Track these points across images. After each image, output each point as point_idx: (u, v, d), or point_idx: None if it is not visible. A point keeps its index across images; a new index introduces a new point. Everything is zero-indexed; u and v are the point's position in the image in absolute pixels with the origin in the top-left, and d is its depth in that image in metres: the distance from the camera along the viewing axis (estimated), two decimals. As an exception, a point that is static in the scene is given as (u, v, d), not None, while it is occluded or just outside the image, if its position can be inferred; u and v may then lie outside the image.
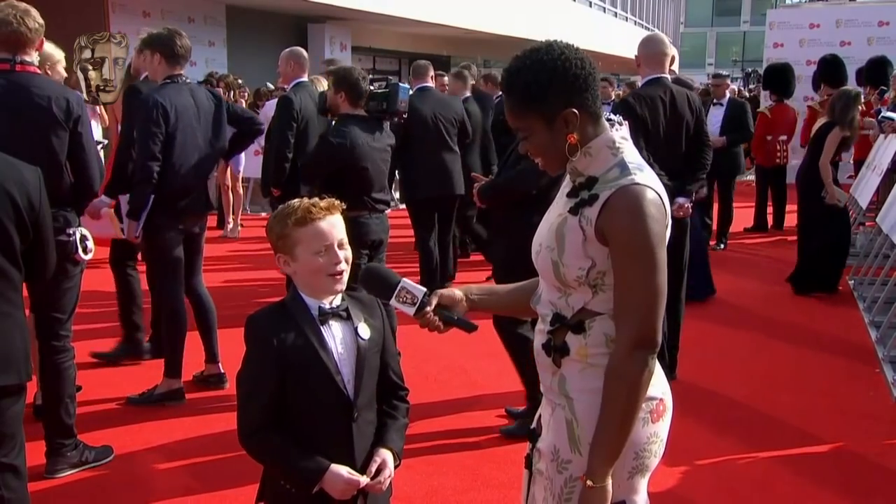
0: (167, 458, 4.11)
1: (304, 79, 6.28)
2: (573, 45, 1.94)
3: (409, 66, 30.97)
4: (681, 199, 4.97)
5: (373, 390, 2.26)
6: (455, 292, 2.17)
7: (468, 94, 8.05)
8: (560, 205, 2.01)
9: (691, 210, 5.09)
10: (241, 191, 10.33)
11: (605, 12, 32.54)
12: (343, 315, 2.21)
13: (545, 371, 2.03)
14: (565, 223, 1.94)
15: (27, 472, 2.90)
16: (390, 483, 2.31)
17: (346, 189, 4.68)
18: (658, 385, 1.96)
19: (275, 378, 2.14)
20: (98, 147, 4.66)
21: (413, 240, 9.29)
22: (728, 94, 9.55)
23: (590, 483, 1.88)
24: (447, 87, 8.51)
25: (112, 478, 3.91)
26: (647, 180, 1.90)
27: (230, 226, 10.16)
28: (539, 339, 2.05)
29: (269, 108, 10.85)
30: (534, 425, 2.13)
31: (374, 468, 2.20)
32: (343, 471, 2.14)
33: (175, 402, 4.72)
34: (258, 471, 2.30)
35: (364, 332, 2.22)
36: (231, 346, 4.89)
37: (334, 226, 2.18)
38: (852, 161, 10.13)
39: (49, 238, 2.93)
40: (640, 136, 4.70)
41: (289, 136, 5.90)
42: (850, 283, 7.64)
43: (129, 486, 3.84)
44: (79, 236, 3.82)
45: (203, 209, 4.89)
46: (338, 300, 2.22)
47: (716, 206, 9.09)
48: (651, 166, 5.07)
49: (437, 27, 21.44)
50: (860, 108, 7.55)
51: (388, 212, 5.11)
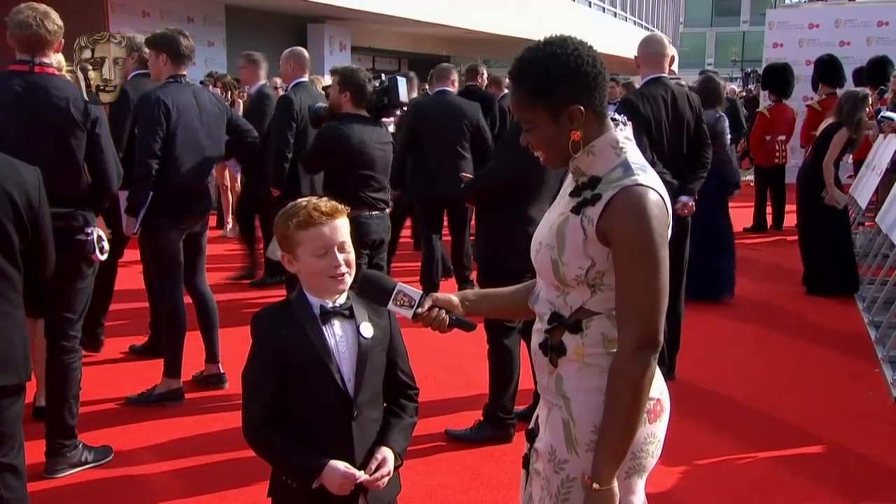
0: (166, 458, 4.10)
1: (305, 79, 6.28)
2: (587, 43, 1.95)
3: (408, 65, 30.99)
4: (684, 198, 4.98)
5: (376, 389, 2.26)
6: (452, 297, 2.17)
7: (505, 91, 8.07)
8: (562, 204, 2.01)
9: (695, 208, 5.10)
10: (238, 190, 10.31)
11: (604, 12, 32.55)
12: (346, 314, 2.21)
13: (542, 371, 2.03)
14: (567, 222, 1.94)
15: (26, 472, 2.91)
16: (398, 481, 2.32)
17: (347, 188, 4.69)
18: (655, 385, 1.96)
19: (276, 376, 2.16)
20: None
21: (413, 240, 9.39)
22: None
23: (596, 486, 1.87)
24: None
25: (111, 478, 3.90)
26: (650, 181, 1.90)
27: (229, 225, 10.15)
28: (536, 339, 2.05)
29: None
30: (531, 425, 2.13)
31: (373, 466, 2.20)
32: (340, 465, 2.14)
33: (174, 402, 4.72)
34: (257, 471, 2.30)
35: (366, 330, 2.22)
36: (231, 347, 4.90)
37: (336, 229, 2.18)
38: (852, 161, 10.13)
39: (48, 238, 2.93)
40: (645, 134, 4.70)
41: (288, 136, 5.90)
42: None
43: (128, 487, 3.85)
44: (95, 236, 3.84)
45: (204, 208, 4.89)
46: (342, 299, 2.23)
47: None
48: (653, 165, 5.06)
49: (437, 27, 21.45)
50: (868, 110, 7.54)
51: (388, 211, 5.11)
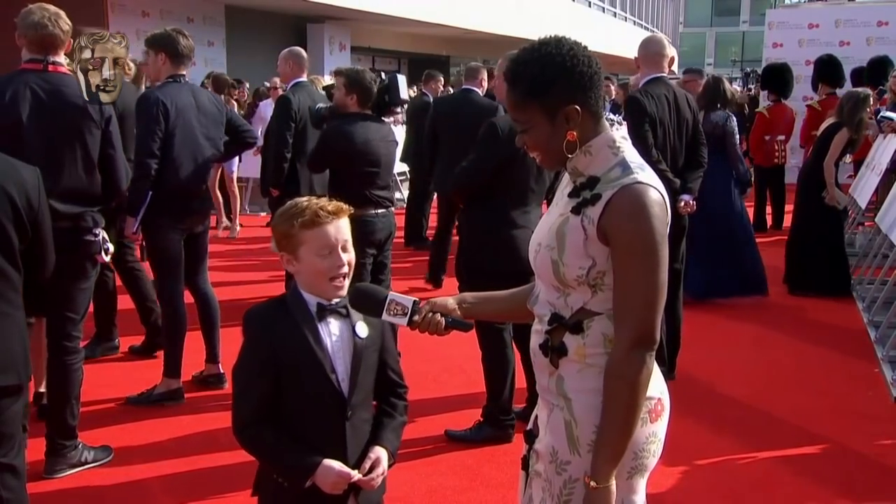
0: (166, 458, 4.10)
1: (304, 79, 6.28)
2: (582, 43, 1.95)
3: (408, 65, 30.89)
4: (686, 197, 5.00)
5: (369, 389, 2.26)
6: (448, 301, 2.16)
7: None
8: (561, 205, 2.01)
9: (695, 207, 5.11)
10: (236, 191, 10.32)
11: (604, 12, 32.57)
12: (342, 312, 2.21)
13: (542, 371, 2.03)
14: (567, 223, 1.93)
15: (26, 472, 2.91)
16: (384, 481, 2.31)
17: (352, 186, 4.69)
18: (656, 385, 1.96)
19: (268, 374, 2.15)
20: None
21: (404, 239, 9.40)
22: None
23: (593, 484, 1.87)
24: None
25: (111, 478, 3.90)
26: (649, 179, 1.90)
27: (224, 223, 10.15)
28: (536, 340, 2.04)
29: (263, 108, 10.86)
30: (530, 426, 2.12)
31: (367, 465, 2.20)
32: (335, 464, 2.13)
33: (174, 401, 4.72)
34: (256, 470, 2.30)
35: (362, 330, 2.22)
36: (231, 347, 4.89)
37: (340, 229, 2.18)
38: (852, 161, 10.13)
39: (48, 238, 2.93)
40: (650, 132, 4.70)
41: (287, 137, 5.90)
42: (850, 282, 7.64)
43: (127, 486, 3.84)
44: (101, 238, 3.85)
45: (204, 208, 4.89)
46: (338, 297, 2.22)
47: None
48: (659, 163, 5.00)
49: (437, 27, 21.46)
50: (869, 110, 7.54)
51: (393, 209, 5.11)
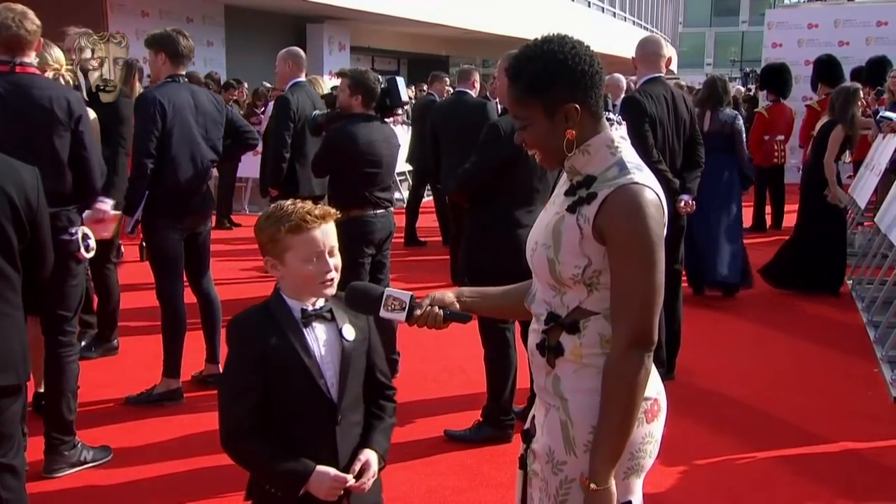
0: (165, 458, 4.10)
1: (302, 79, 6.28)
2: (584, 42, 1.95)
3: (408, 65, 30.87)
4: (685, 197, 5.00)
5: (358, 392, 2.24)
6: (447, 294, 2.16)
7: None
8: (557, 203, 2.01)
9: (695, 207, 5.11)
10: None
11: (603, 12, 32.57)
12: (327, 317, 2.19)
13: (539, 371, 2.03)
14: (563, 221, 1.94)
15: (26, 472, 2.90)
16: (378, 483, 2.30)
17: (354, 187, 4.69)
18: (652, 385, 1.96)
19: (256, 382, 2.12)
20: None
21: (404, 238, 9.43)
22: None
23: (593, 486, 1.87)
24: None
25: (110, 478, 3.90)
26: (646, 180, 1.90)
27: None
28: (533, 339, 2.04)
29: (270, 109, 10.87)
30: (527, 426, 2.12)
31: (357, 467, 2.18)
32: (329, 471, 2.12)
33: (173, 401, 4.72)
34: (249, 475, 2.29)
35: (349, 333, 2.20)
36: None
37: (327, 234, 2.16)
38: (851, 161, 10.13)
39: (47, 238, 2.93)
40: (650, 132, 4.70)
41: (286, 137, 5.90)
42: (849, 282, 7.64)
43: (126, 486, 3.84)
44: (80, 235, 3.87)
45: (205, 208, 4.88)
46: (321, 301, 2.20)
47: None
48: (659, 163, 4.98)
49: (436, 27, 21.47)
50: (860, 104, 7.56)
51: (392, 210, 5.11)
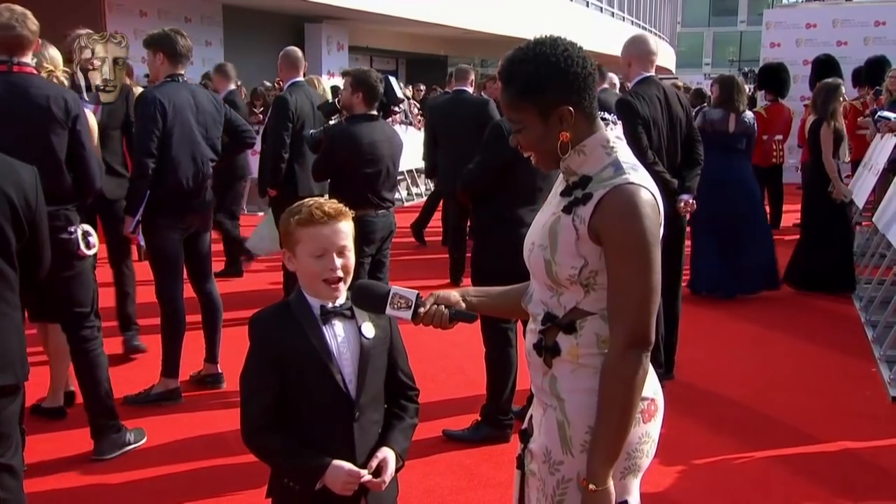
0: (164, 458, 4.10)
1: (300, 79, 6.27)
2: (577, 44, 1.94)
3: (406, 65, 30.78)
4: (685, 197, 4.99)
5: (378, 389, 2.24)
6: (452, 294, 2.16)
7: None
8: (553, 203, 2.01)
9: (695, 206, 5.11)
10: None
11: (602, 12, 32.56)
12: (347, 314, 2.19)
13: (536, 371, 2.03)
14: (558, 222, 1.94)
15: (24, 473, 2.91)
16: (396, 483, 2.31)
17: (356, 187, 4.71)
18: (649, 385, 1.96)
19: (274, 378, 2.14)
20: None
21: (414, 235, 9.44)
22: None
23: (592, 487, 1.87)
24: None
25: (109, 477, 3.91)
26: (642, 180, 1.90)
27: None
28: (530, 339, 2.04)
29: None
30: (525, 426, 2.12)
31: (374, 464, 2.19)
32: (344, 465, 2.13)
33: (172, 401, 4.73)
34: (256, 471, 2.30)
35: (368, 330, 2.21)
36: (229, 346, 4.90)
37: (337, 233, 2.16)
38: (850, 161, 10.14)
39: (45, 238, 2.92)
40: (644, 134, 4.69)
41: (284, 137, 5.91)
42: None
43: (125, 486, 3.84)
44: (80, 233, 3.91)
45: (205, 207, 4.88)
46: (342, 299, 2.20)
47: None
48: (655, 165, 4.98)
49: (435, 27, 21.45)
50: (842, 100, 7.59)
51: (393, 209, 5.12)
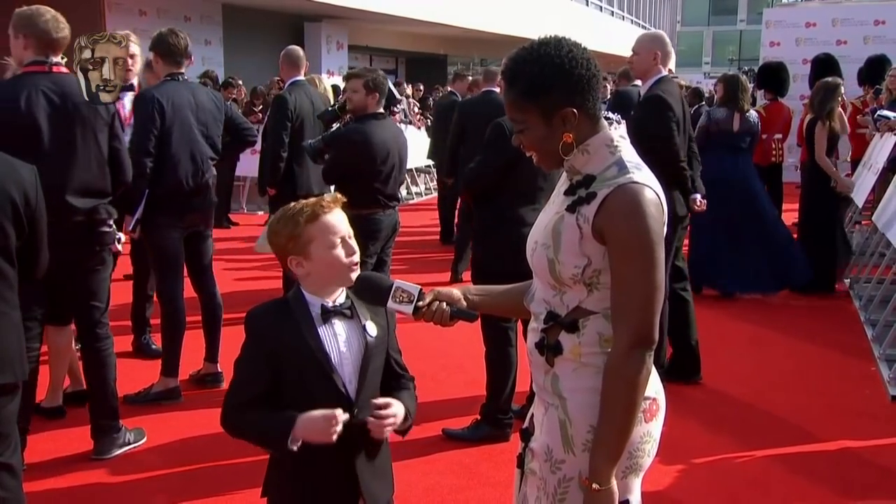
0: (164, 457, 4.11)
1: (300, 78, 6.27)
2: (581, 45, 1.94)
3: (406, 64, 30.77)
4: (698, 196, 5.03)
5: (375, 388, 2.24)
6: (453, 291, 2.16)
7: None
8: (557, 202, 2.01)
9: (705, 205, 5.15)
10: None
11: (601, 11, 32.59)
12: (347, 313, 2.18)
13: (538, 370, 2.03)
14: (562, 221, 1.93)
15: (23, 472, 2.91)
16: (392, 483, 2.31)
17: (365, 187, 4.73)
18: (651, 384, 1.95)
19: (262, 375, 2.13)
20: None
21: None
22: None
23: (595, 486, 1.87)
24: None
25: (108, 476, 3.90)
26: (645, 179, 1.90)
27: None
28: (532, 338, 2.04)
29: None
30: (526, 424, 2.12)
31: (379, 401, 2.15)
32: (315, 412, 2.06)
33: (171, 400, 4.73)
34: (255, 469, 2.29)
35: (372, 329, 2.20)
36: (229, 345, 4.89)
37: (341, 220, 2.18)
38: (850, 160, 10.14)
39: (43, 237, 2.92)
40: (677, 133, 4.72)
41: (283, 136, 5.91)
42: (846, 281, 7.66)
43: (124, 485, 3.84)
44: (113, 228, 3.98)
45: (205, 206, 4.88)
46: (342, 297, 2.20)
47: None
48: (690, 165, 4.97)
49: (435, 26, 21.45)
50: (840, 100, 7.62)
51: (398, 207, 5.12)
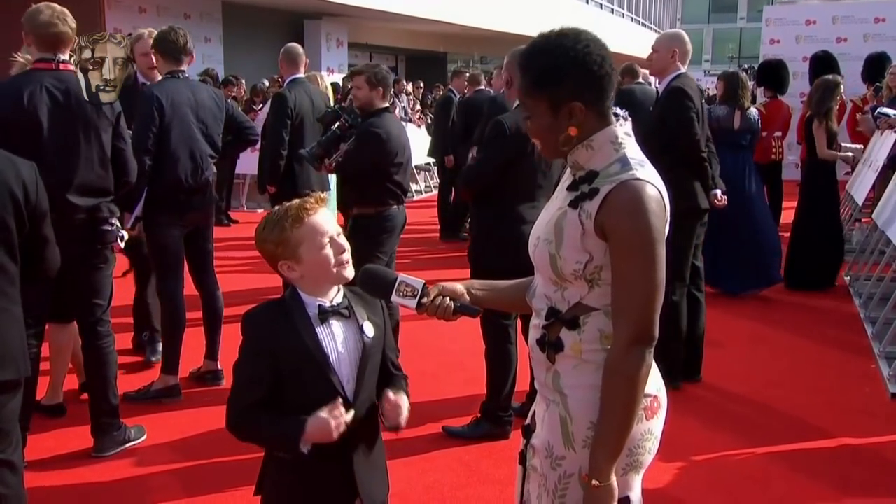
0: (163, 454, 4.11)
1: (300, 75, 6.27)
2: (601, 42, 1.93)
3: (405, 62, 30.79)
4: (718, 191, 5.06)
5: (372, 388, 2.23)
6: (457, 286, 2.15)
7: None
8: (560, 198, 2.01)
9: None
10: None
11: (601, 9, 32.57)
12: (345, 314, 2.17)
13: (539, 367, 2.03)
14: (565, 216, 1.94)
15: (24, 469, 2.91)
16: (387, 481, 2.31)
17: (382, 182, 4.73)
18: (652, 382, 1.96)
19: (263, 376, 2.12)
20: None
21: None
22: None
23: (595, 483, 1.87)
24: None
25: (108, 474, 3.91)
26: (648, 176, 1.90)
27: None
28: (533, 335, 2.04)
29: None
30: (528, 421, 2.12)
31: (390, 394, 2.16)
32: (321, 412, 2.06)
33: (171, 398, 4.73)
34: (255, 466, 2.29)
35: (369, 329, 2.20)
36: (229, 343, 4.90)
37: (327, 220, 2.16)
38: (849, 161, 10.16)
39: (49, 234, 2.92)
40: (699, 128, 4.75)
41: (283, 134, 5.91)
42: (846, 279, 7.67)
43: (125, 482, 3.85)
44: (116, 226, 3.99)
45: (206, 204, 4.89)
46: (339, 297, 2.19)
47: None
48: (705, 160, 5.02)
49: (434, 24, 21.45)
50: (839, 98, 7.63)
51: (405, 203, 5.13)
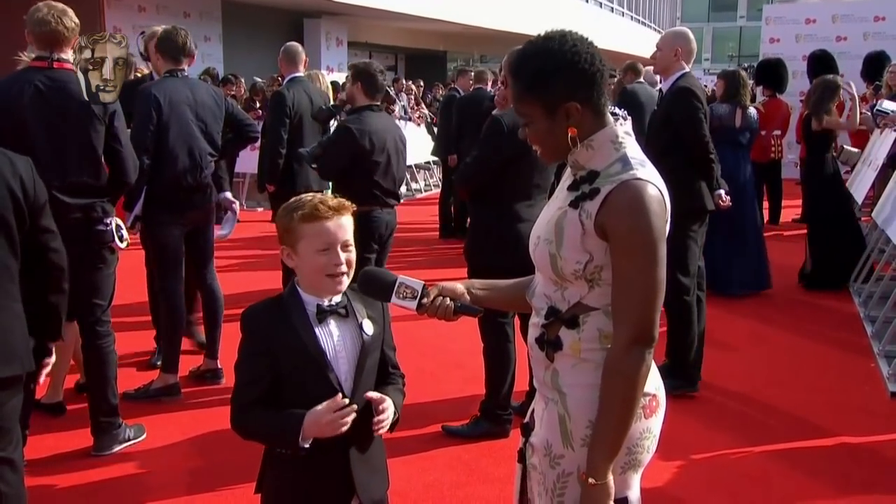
0: (163, 453, 4.11)
1: (300, 74, 6.27)
2: (587, 40, 1.93)
3: (405, 61, 30.82)
4: (722, 191, 5.05)
5: (370, 387, 2.24)
6: (457, 286, 2.15)
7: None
8: (560, 198, 2.01)
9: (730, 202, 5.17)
10: None
11: (601, 7, 32.55)
12: (342, 312, 2.18)
13: (538, 365, 2.04)
14: (565, 216, 1.94)
15: (24, 468, 2.91)
16: (386, 478, 2.31)
17: (361, 182, 4.71)
18: (651, 381, 1.96)
19: (264, 374, 2.13)
20: None
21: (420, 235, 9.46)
22: None
23: (592, 481, 1.88)
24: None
25: (108, 473, 3.91)
26: (649, 175, 1.90)
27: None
28: (533, 333, 2.04)
29: None
30: (527, 420, 2.13)
31: (374, 396, 2.16)
32: (319, 406, 2.07)
33: (171, 397, 4.73)
34: (255, 465, 2.29)
35: (368, 327, 2.20)
36: (229, 342, 4.89)
37: (341, 227, 2.15)
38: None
39: (52, 228, 2.92)
40: (707, 127, 4.76)
41: (282, 133, 5.92)
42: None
43: (125, 481, 3.85)
44: (114, 226, 3.99)
45: (206, 202, 4.89)
46: (337, 297, 2.19)
47: None
48: (713, 159, 5.06)
49: (434, 22, 21.44)
50: (839, 99, 7.65)
51: (396, 206, 5.11)
